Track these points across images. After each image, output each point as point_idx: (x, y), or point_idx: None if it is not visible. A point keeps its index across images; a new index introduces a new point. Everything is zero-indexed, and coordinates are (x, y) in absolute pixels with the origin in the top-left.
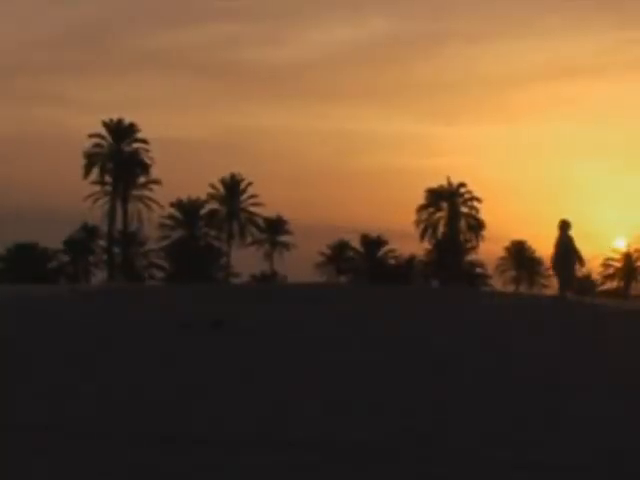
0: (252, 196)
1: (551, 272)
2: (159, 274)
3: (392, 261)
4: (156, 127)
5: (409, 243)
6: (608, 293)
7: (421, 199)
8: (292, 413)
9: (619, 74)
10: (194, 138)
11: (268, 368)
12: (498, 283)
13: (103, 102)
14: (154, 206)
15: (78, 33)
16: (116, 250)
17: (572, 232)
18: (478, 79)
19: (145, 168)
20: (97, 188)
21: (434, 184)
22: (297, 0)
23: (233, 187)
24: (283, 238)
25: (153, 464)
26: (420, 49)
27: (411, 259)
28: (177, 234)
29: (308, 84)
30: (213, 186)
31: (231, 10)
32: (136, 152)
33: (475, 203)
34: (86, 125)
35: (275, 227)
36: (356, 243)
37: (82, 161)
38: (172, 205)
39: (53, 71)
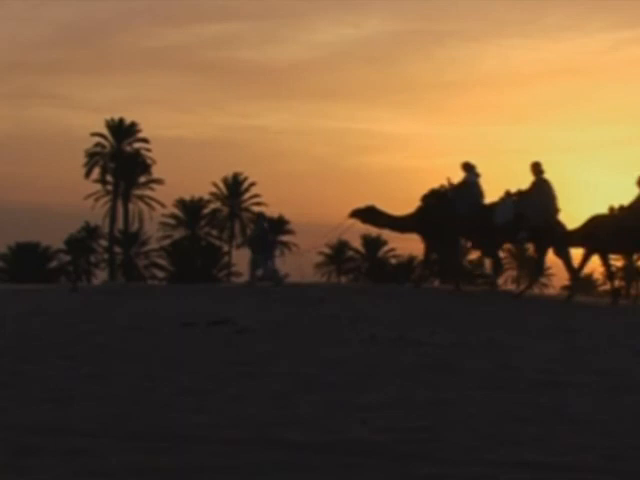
0: (254, 195)
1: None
2: (160, 274)
3: (393, 261)
4: (156, 126)
5: (409, 243)
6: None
7: None
8: (292, 413)
9: (619, 74)
10: (194, 138)
11: (268, 368)
12: (498, 283)
13: (103, 101)
14: (157, 206)
15: (79, 32)
16: (117, 250)
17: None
18: (478, 79)
19: (146, 168)
20: (98, 187)
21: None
22: (297, 0)
23: (235, 186)
24: (284, 238)
25: (153, 464)
26: (420, 49)
27: (411, 259)
28: (179, 234)
29: (308, 84)
30: (216, 185)
31: (231, 9)
32: (137, 152)
33: None
34: (87, 124)
35: (276, 227)
36: (356, 243)
37: (83, 160)
38: (174, 205)
39: (53, 70)
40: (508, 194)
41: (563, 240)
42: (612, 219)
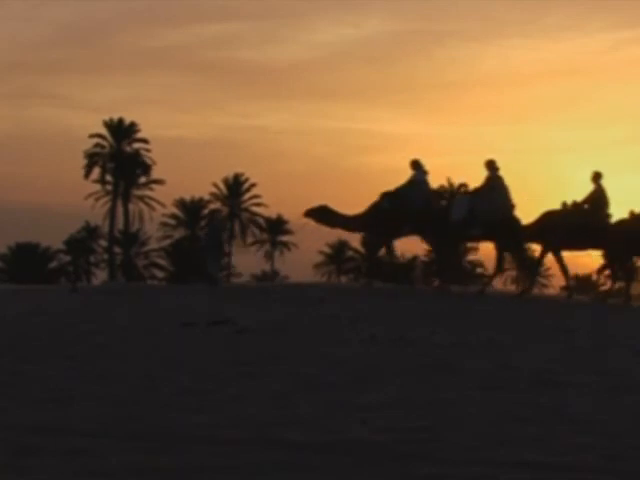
0: (254, 196)
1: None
2: (160, 274)
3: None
4: (156, 126)
5: (410, 243)
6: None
7: None
8: (292, 413)
9: (619, 74)
10: (194, 138)
11: (268, 368)
12: (498, 283)
13: (103, 102)
14: (157, 206)
15: (79, 32)
16: (117, 250)
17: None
18: (478, 79)
19: (146, 168)
20: (98, 187)
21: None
22: (297, 0)
23: (235, 187)
24: (284, 238)
25: (153, 464)
26: (420, 49)
27: (412, 259)
28: (179, 234)
29: (308, 84)
30: (216, 186)
31: (231, 9)
32: (137, 152)
33: None
34: (87, 125)
35: (276, 227)
36: (356, 243)
37: (83, 161)
38: (174, 205)
39: (53, 70)
40: (464, 192)
41: (519, 235)
42: (564, 215)
